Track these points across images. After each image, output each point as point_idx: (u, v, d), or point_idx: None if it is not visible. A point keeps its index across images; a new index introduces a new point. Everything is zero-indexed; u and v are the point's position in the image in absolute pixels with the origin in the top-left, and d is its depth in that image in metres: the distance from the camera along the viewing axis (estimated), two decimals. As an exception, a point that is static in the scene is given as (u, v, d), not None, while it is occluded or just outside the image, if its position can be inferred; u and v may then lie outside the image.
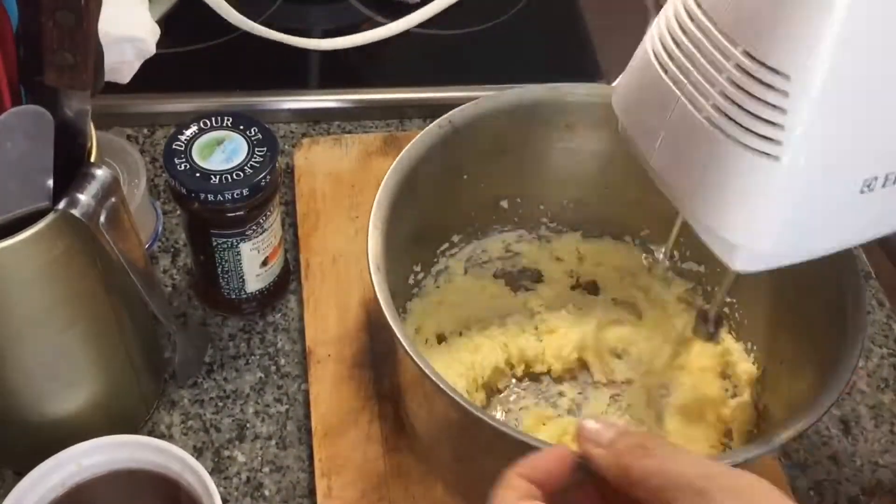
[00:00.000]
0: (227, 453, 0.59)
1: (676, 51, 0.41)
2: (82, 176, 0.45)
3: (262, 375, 0.62)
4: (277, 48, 0.80)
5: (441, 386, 0.45)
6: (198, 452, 0.58)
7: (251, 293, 0.63)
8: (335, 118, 0.77)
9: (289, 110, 0.77)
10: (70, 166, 0.45)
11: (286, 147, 0.74)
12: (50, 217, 0.44)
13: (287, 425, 0.60)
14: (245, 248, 0.59)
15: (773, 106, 0.37)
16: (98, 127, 0.47)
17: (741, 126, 0.38)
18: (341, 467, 0.57)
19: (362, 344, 0.62)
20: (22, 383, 0.51)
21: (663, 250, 0.57)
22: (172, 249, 0.68)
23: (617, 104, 0.47)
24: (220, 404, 0.61)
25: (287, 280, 0.66)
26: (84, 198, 0.45)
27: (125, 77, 0.64)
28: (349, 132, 0.76)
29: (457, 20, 0.83)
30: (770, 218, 0.40)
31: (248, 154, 0.57)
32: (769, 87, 0.37)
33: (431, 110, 0.78)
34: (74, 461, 0.50)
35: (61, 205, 0.44)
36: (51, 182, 0.44)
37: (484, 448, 0.49)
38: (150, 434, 0.58)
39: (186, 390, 0.61)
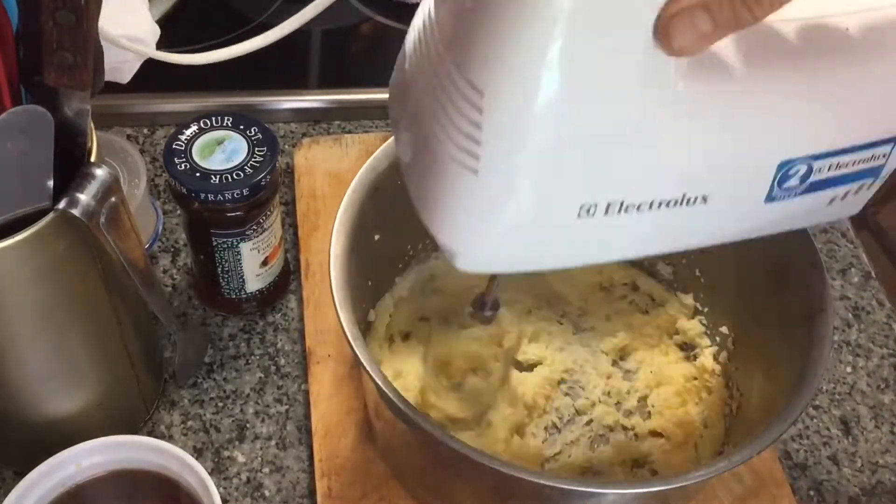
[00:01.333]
0: (226, 453, 0.59)
1: (418, 46, 0.40)
2: (82, 176, 0.45)
3: (262, 375, 0.62)
4: (278, 48, 0.80)
5: (391, 396, 0.45)
6: (198, 453, 0.58)
7: (251, 293, 0.63)
8: (335, 118, 0.77)
9: (289, 110, 0.77)
10: (70, 166, 0.45)
11: (286, 147, 0.74)
12: (50, 217, 0.44)
13: (287, 425, 0.60)
14: (245, 247, 0.59)
15: (470, 119, 0.36)
16: (98, 127, 0.47)
17: (447, 134, 0.37)
18: (341, 467, 0.57)
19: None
20: (22, 383, 0.51)
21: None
22: (172, 249, 0.68)
23: (390, 87, 0.45)
24: (220, 404, 0.61)
25: (287, 280, 0.66)
26: (84, 198, 0.45)
27: (125, 77, 0.64)
28: (349, 132, 0.76)
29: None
30: (475, 229, 0.39)
31: (248, 154, 0.57)
32: (467, 100, 0.36)
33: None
34: (74, 461, 0.50)
35: (61, 204, 0.44)
36: (51, 182, 0.44)
37: (442, 461, 0.49)
38: (149, 434, 0.58)
39: (186, 390, 0.61)
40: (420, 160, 0.40)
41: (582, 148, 0.36)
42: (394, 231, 0.57)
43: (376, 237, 0.56)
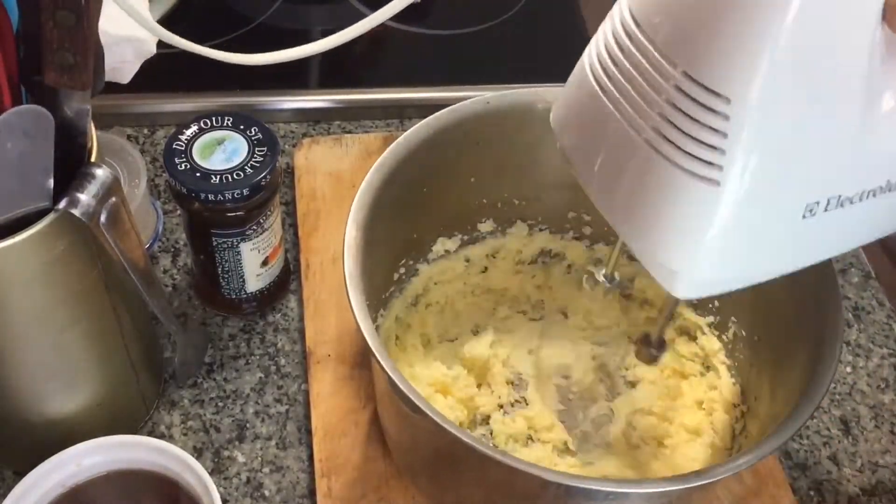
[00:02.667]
0: (226, 453, 0.59)
1: (614, 69, 0.39)
2: (83, 176, 0.45)
3: (262, 375, 0.62)
4: (277, 48, 0.80)
5: (414, 400, 0.44)
6: (198, 453, 0.58)
7: (251, 293, 0.63)
8: (335, 118, 0.77)
9: (289, 110, 0.77)
10: (70, 166, 0.45)
11: (286, 147, 0.74)
12: (50, 217, 0.44)
13: (287, 425, 0.60)
14: (245, 247, 0.59)
15: (713, 129, 0.36)
16: (98, 127, 0.47)
17: (680, 149, 0.37)
18: (341, 468, 0.57)
19: (362, 344, 0.62)
20: (22, 383, 0.51)
21: (603, 272, 0.55)
22: (173, 249, 0.68)
23: (555, 122, 0.45)
24: (220, 404, 0.61)
25: (287, 280, 0.66)
26: (84, 197, 0.45)
27: (126, 77, 0.64)
28: (349, 132, 0.76)
29: (457, 20, 0.83)
30: (710, 244, 0.38)
31: (248, 154, 0.57)
32: (709, 109, 0.35)
33: (431, 110, 0.78)
34: (74, 461, 0.50)
35: (62, 204, 0.44)
36: (51, 182, 0.44)
37: (460, 464, 0.49)
38: (149, 434, 0.58)
39: (186, 390, 0.61)
40: (636, 183, 0.39)
41: (818, 147, 0.37)
42: (405, 229, 0.58)
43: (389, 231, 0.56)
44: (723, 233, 0.38)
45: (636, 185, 0.39)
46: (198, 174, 0.56)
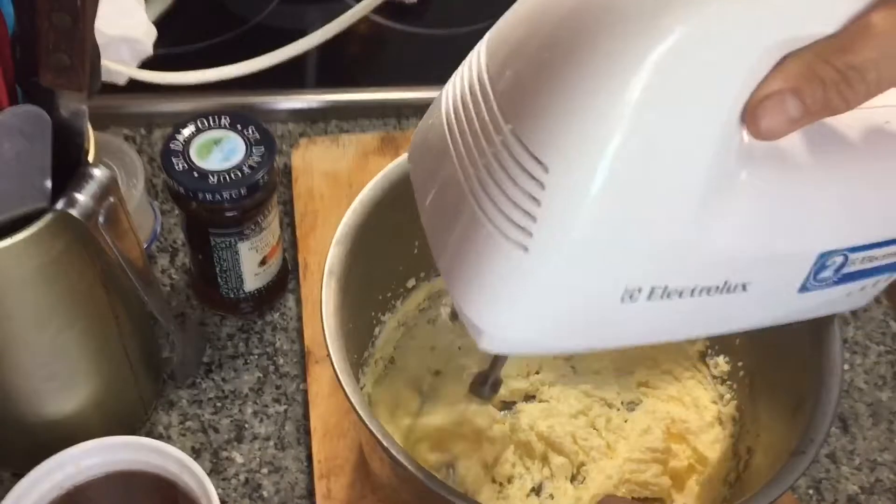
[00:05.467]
0: (225, 454, 0.59)
1: (461, 108, 0.37)
2: (80, 176, 0.45)
3: (261, 375, 0.62)
4: (275, 47, 0.80)
5: (399, 458, 0.43)
6: (196, 453, 0.58)
7: (249, 293, 0.63)
8: (333, 118, 0.77)
9: (286, 110, 0.77)
10: (68, 166, 0.45)
11: (284, 147, 0.74)
12: (48, 217, 0.44)
13: (286, 426, 0.60)
14: (243, 247, 0.59)
15: (528, 194, 0.34)
16: (95, 127, 0.47)
17: (495, 205, 0.35)
18: (340, 468, 0.57)
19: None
20: (20, 384, 0.51)
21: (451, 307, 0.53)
22: (170, 249, 0.68)
23: (411, 145, 0.43)
24: (219, 405, 0.61)
25: (285, 280, 0.66)
26: (82, 198, 0.45)
27: (122, 78, 0.64)
28: (347, 132, 0.76)
29: (454, 19, 0.83)
30: (514, 308, 0.36)
31: (245, 153, 0.57)
32: (527, 173, 0.34)
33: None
34: (73, 462, 0.50)
35: (59, 205, 0.44)
36: (49, 182, 0.44)
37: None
38: (148, 435, 0.58)
39: (185, 391, 0.61)
40: (455, 228, 0.37)
41: (640, 232, 0.35)
42: (395, 255, 0.56)
43: (371, 267, 0.54)
44: (527, 300, 0.36)
45: (453, 231, 0.37)
46: (195, 174, 0.56)
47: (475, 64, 0.37)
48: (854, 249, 0.40)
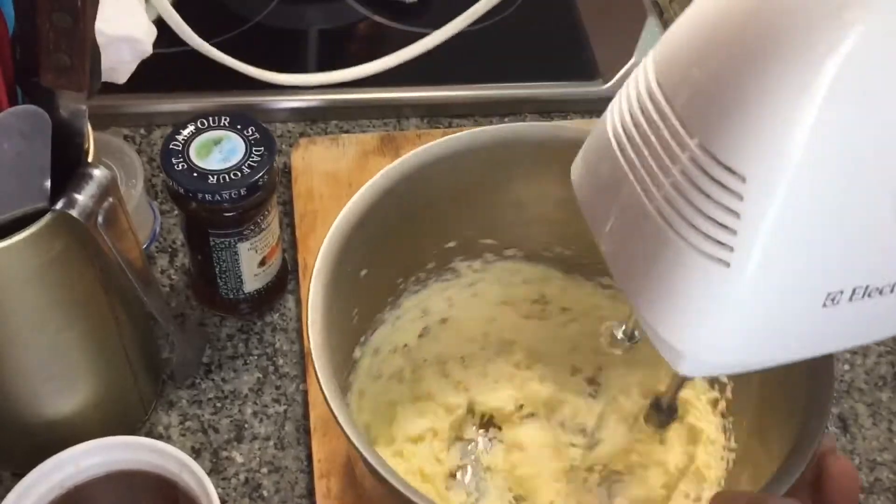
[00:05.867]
0: (225, 454, 0.59)
1: (633, 129, 0.37)
2: (80, 176, 0.45)
3: (261, 376, 0.62)
4: (274, 47, 0.80)
5: (395, 484, 0.42)
6: (196, 453, 0.58)
7: (249, 293, 0.63)
8: (332, 118, 0.77)
9: (286, 110, 0.77)
10: (67, 166, 0.45)
11: (283, 147, 0.74)
12: (47, 217, 0.44)
13: (285, 425, 0.60)
14: (243, 247, 0.59)
15: (726, 208, 0.33)
16: (95, 127, 0.47)
17: (690, 224, 0.34)
18: (340, 468, 0.57)
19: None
20: (20, 384, 0.51)
21: (623, 328, 0.51)
22: (170, 249, 0.68)
23: (574, 177, 0.42)
24: (219, 405, 0.61)
25: (285, 280, 0.66)
26: (81, 198, 0.45)
27: (122, 77, 0.64)
28: (347, 132, 0.76)
29: (453, 19, 0.83)
30: (717, 326, 0.35)
31: (245, 154, 0.57)
32: (723, 186, 0.33)
33: (428, 110, 0.78)
34: (72, 462, 0.50)
35: (59, 205, 0.44)
36: (48, 182, 0.44)
37: None
38: (147, 435, 0.58)
39: (184, 391, 0.61)
40: (645, 252, 0.36)
41: (843, 236, 0.34)
42: (383, 265, 0.56)
43: (363, 273, 0.54)
44: (731, 316, 0.35)
45: (642, 255, 0.37)
46: (195, 174, 0.56)
47: (643, 85, 0.37)
48: None
